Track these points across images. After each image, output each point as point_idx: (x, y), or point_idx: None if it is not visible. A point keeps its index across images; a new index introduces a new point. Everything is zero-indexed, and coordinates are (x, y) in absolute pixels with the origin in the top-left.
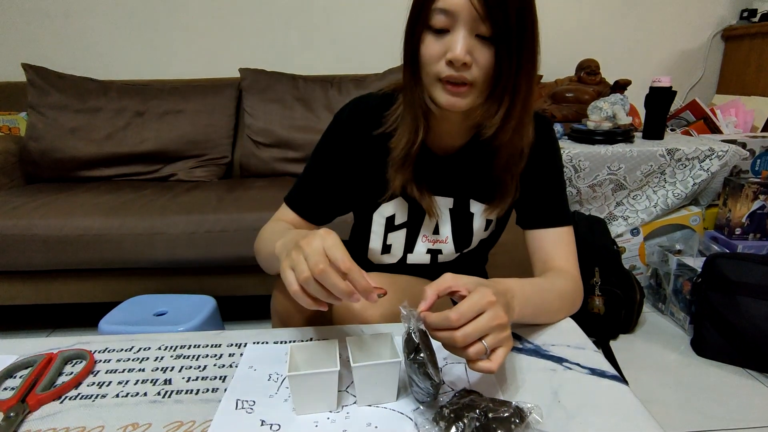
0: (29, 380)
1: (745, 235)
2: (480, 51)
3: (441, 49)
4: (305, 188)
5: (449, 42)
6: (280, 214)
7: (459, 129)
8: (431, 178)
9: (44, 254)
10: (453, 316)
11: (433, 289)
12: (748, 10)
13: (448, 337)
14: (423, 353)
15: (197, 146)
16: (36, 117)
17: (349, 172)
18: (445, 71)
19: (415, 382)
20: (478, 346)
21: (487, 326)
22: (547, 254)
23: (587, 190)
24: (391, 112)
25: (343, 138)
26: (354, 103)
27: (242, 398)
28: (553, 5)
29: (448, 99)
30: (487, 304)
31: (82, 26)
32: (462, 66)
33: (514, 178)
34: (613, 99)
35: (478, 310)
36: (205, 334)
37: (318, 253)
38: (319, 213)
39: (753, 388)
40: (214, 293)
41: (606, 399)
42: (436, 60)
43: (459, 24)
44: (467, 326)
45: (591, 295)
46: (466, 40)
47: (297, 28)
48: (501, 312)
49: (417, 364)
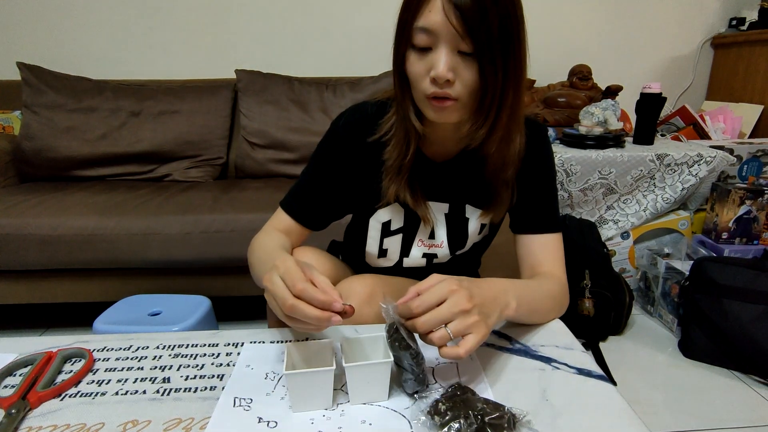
0: (30, 378)
1: (731, 239)
2: (463, 67)
3: (425, 68)
4: (301, 193)
5: (432, 60)
6: (275, 220)
7: (452, 138)
8: (427, 184)
9: (38, 253)
10: (413, 304)
11: (415, 287)
12: (737, 18)
13: (411, 325)
14: (401, 330)
15: (193, 147)
16: (30, 116)
17: (346, 179)
18: (430, 89)
19: (402, 366)
20: (441, 332)
21: (448, 312)
22: (536, 259)
23: (578, 193)
24: (385, 120)
25: (340, 145)
26: (350, 111)
27: (240, 396)
28: (545, 12)
29: (436, 114)
30: (448, 292)
31: (78, 25)
32: (445, 83)
33: (507, 184)
34: (604, 104)
35: (439, 299)
36: (203, 334)
37: (282, 290)
38: (314, 218)
39: (738, 388)
40: (208, 293)
41: (592, 398)
42: (422, 78)
43: (440, 42)
44: (427, 313)
45: (581, 298)
46: (448, 58)
47: (293, 31)
48: (463, 300)
49: (397, 342)
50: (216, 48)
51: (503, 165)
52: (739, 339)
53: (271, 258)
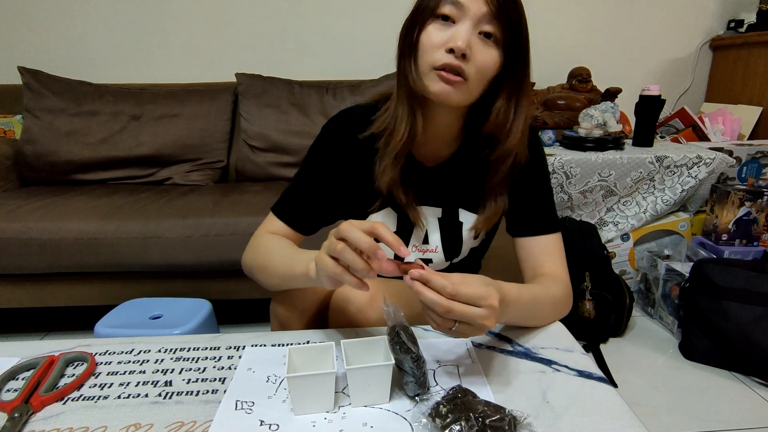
0: (32, 382)
1: (731, 240)
2: (479, 49)
3: (443, 38)
4: (294, 198)
5: (453, 32)
6: (268, 225)
7: (449, 133)
8: (419, 189)
9: (40, 257)
10: (449, 289)
11: (462, 276)
12: (735, 20)
13: (431, 299)
14: (402, 334)
15: (193, 150)
16: (31, 120)
17: (338, 182)
18: (442, 59)
19: (403, 369)
20: (448, 323)
21: (472, 319)
22: (537, 261)
23: (578, 196)
24: (377, 116)
25: (331, 148)
26: (341, 114)
27: (242, 399)
28: (546, 15)
29: (442, 87)
30: (487, 305)
31: (79, 30)
32: (461, 57)
33: (505, 190)
34: (603, 107)
35: (475, 303)
36: (205, 337)
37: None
38: (307, 223)
39: (738, 390)
40: (209, 297)
41: (592, 400)
42: (436, 48)
43: (466, 17)
44: (457, 305)
45: (582, 300)
46: (470, 33)
47: (293, 34)
48: (492, 320)
49: (398, 345)
50: (216, 52)
51: (517, 164)
52: (740, 340)
53: (291, 253)
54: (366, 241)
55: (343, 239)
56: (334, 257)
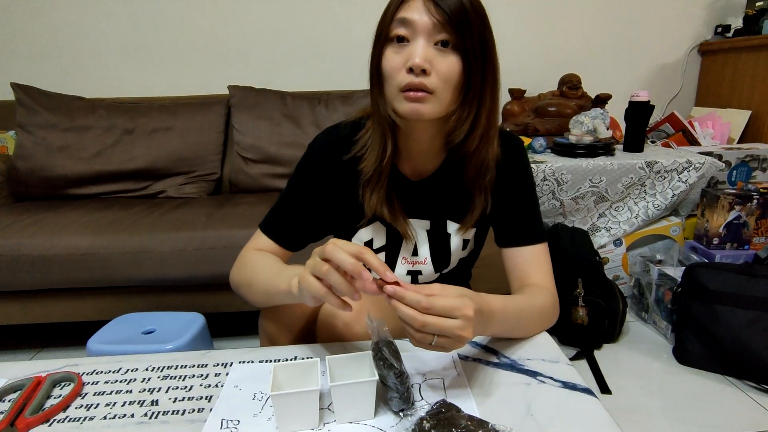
0: (18, 404)
1: (722, 244)
2: (439, 59)
3: (401, 60)
4: (281, 216)
5: (408, 51)
6: (255, 242)
7: (431, 148)
8: (406, 203)
9: (32, 274)
10: (424, 303)
11: (439, 286)
12: (722, 26)
13: (407, 314)
14: (384, 351)
15: (186, 163)
16: (24, 136)
17: (324, 199)
18: (405, 80)
19: (387, 384)
20: (427, 337)
21: (449, 331)
22: (523, 271)
23: (570, 202)
24: (359, 137)
25: (316, 166)
26: (325, 133)
27: (227, 418)
28: (535, 22)
29: (411, 107)
30: (462, 316)
31: (71, 45)
32: (421, 73)
33: (483, 191)
34: (593, 113)
35: (450, 314)
36: (192, 354)
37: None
38: (295, 240)
39: (732, 395)
40: (202, 310)
41: (576, 412)
42: (397, 71)
43: (418, 33)
44: (432, 318)
45: (575, 306)
46: (425, 49)
47: (285, 46)
48: (468, 331)
49: (381, 361)
50: (209, 64)
51: (482, 167)
52: (732, 344)
53: (275, 270)
54: (351, 262)
55: (327, 260)
56: (318, 277)
